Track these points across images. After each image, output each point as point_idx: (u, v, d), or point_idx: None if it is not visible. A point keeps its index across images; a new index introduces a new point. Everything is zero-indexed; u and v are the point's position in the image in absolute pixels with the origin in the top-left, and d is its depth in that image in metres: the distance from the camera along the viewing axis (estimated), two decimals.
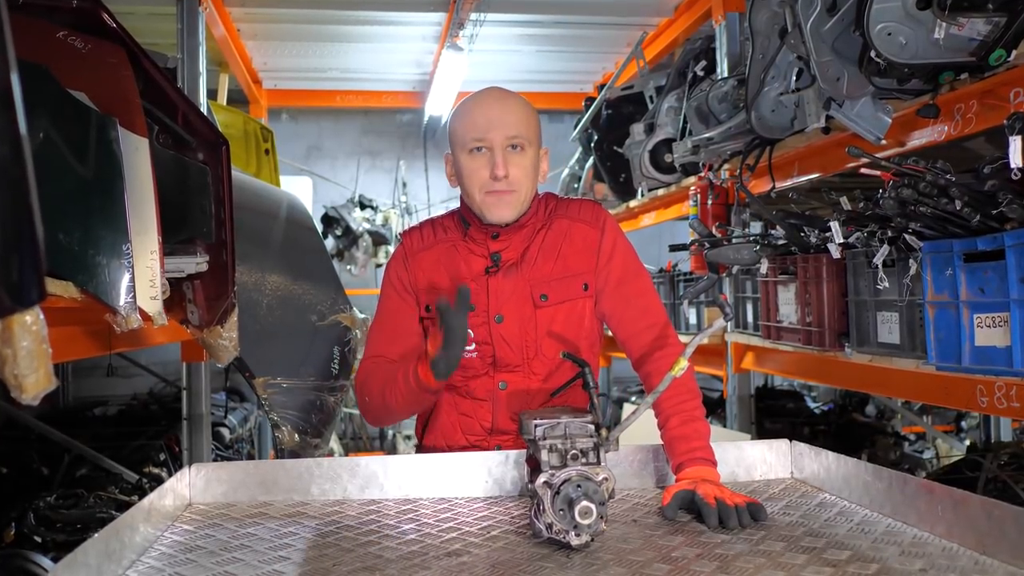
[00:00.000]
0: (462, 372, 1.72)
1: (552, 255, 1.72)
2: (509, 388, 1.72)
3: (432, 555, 1.24)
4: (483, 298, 1.69)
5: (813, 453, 1.62)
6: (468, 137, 1.66)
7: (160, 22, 4.22)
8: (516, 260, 1.71)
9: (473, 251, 1.73)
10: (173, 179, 1.97)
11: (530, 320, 1.70)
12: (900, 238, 2.17)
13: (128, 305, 1.68)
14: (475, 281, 1.70)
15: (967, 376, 2.01)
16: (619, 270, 1.74)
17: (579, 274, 1.72)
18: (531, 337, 1.71)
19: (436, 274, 1.74)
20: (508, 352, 1.70)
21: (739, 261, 3.04)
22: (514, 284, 1.70)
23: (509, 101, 1.69)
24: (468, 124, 1.67)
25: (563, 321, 1.72)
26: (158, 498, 1.38)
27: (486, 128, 1.64)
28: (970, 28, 1.92)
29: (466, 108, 1.70)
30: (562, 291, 1.71)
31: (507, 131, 1.64)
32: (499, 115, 1.65)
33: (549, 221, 1.75)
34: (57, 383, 0.92)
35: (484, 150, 1.65)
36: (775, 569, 1.13)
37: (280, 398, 2.74)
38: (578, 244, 1.73)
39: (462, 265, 1.72)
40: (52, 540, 2.66)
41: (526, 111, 1.69)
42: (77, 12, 1.80)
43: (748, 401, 3.61)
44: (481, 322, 1.70)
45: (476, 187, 1.66)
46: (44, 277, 0.71)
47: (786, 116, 2.60)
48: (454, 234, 1.76)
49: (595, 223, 1.75)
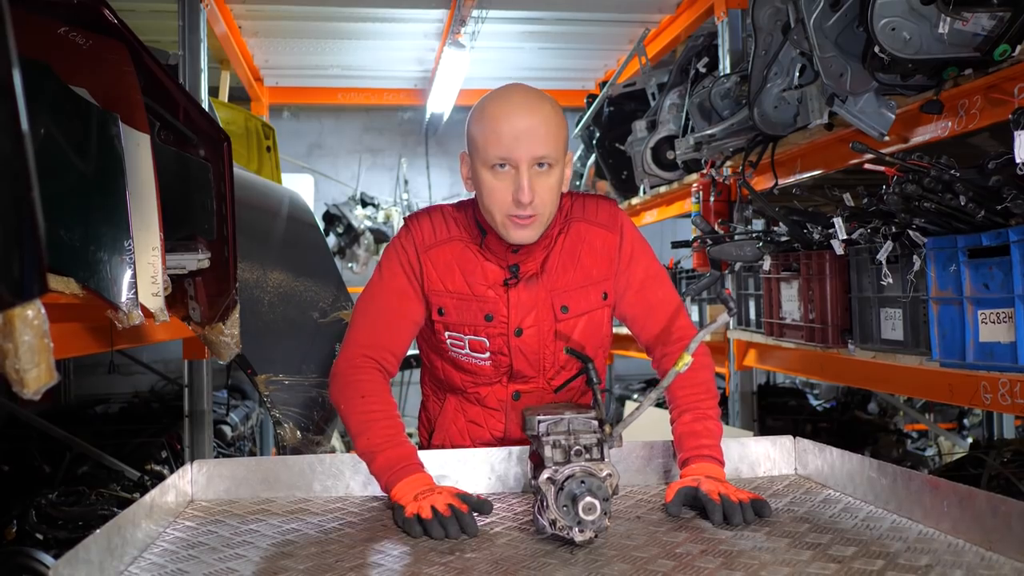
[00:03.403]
0: (472, 377, 1.68)
1: (572, 262, 1.64)
2: (523, 398, 1.68)
3: (435, 552, 1.23)
4: (502, 309, 1.61)
5: (817, 449, 1.62)
6: (491, 153, 1.49)
7: (162, 19, 4.22)
8: (536, 271, 1.62)
9: (490, 259, 1.62)
10: (175, 176, 1.96)
11: (549, 333, 1.63)
12: (904, 234, 2.16)
13: (130, 301, 1.67)
14: (493, 290, 1.61)
15: (971, 373, 2.01)
16: (640, 274, 1.67)
17: (598, 282, 1.65)
18: (549, 350, 1.65)
19: (450, 276, 1.62)
20: (525, 364, 1.65)
21: (742, 258, 3.03)
22: (535, 296, 1.62)
23: (538, 112, 1.49)
24: (492, 137, 1.48)
25: (582, 332, 1.66)
26: (160, 495, 1.38)
27: (512, 146, 1.47)
28: (974, 23, 1.91)
29: (491, 116, 1.50)
30: (583, 302, 1.64)
31: (535, 150, 1.47)
32: (527, 130, 1.47)
33: (567, 225, 1.65)
34: (59, 378, 0.91)
35: (508, 168, 1.49)
36: (780, 565, 1.12)
37: (282, 395, 2.73)
38: (597, 249, 1.65)
39: (478, 270, 1.62)
40: (54, 538, 2.66)
41: (555, 121, 1.51)
42: (79, 8, 1.79)
43: (750, 398, 3.60)
44: (499, 333, 1.62)
45: (497, 208, 1.51)
46: (45, 272, 0.70)
47: (789, 112, 2.60)
48: (467, 233, 1.63)
49: (613, 227, 1.66)
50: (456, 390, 1.73)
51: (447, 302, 1.62)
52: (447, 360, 1.70)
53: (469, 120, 1.57)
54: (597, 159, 4.89)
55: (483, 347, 1.64)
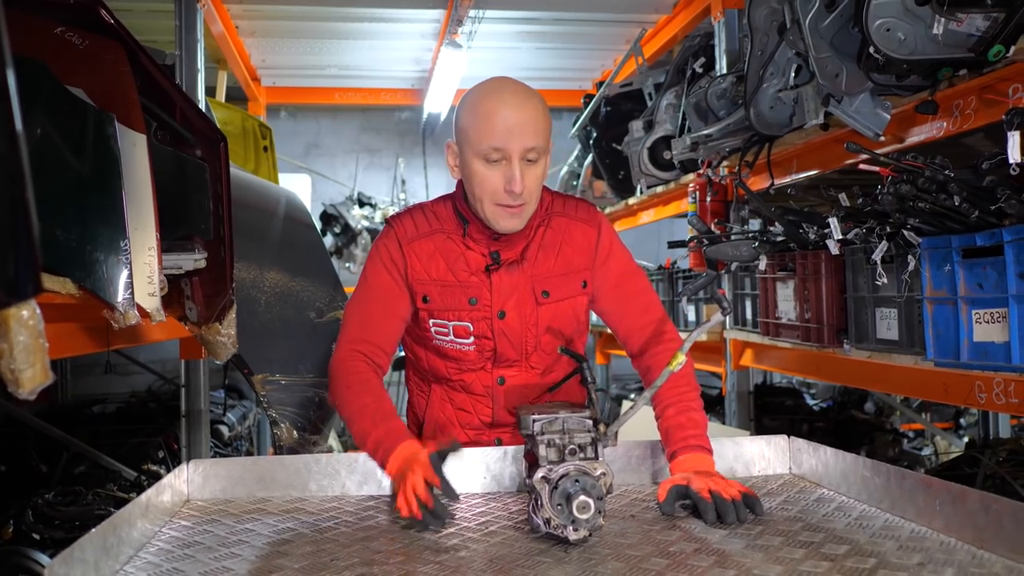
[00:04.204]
0: (456, 364, 1.73)
1: (553, 252, 1.72)
2: (508, 383, 1.74)
3: (430, 550, 1.24)
4: (485, 293, 1.69)
5: (811, 449, 1.62)
6: (484, 144, 1.56)
7: (159, 19, 4.22)
8: (516, 258, 1.70)
9: (472, 248, 1.70)
10: (171, 176, 1.96)
11: (531, 316, 1.71)
12: (899, 234, 2.16)
13: (126, 302, 1.67)
14: (476, 276, 1.69)
15: (965, 372, 2.01)
16: (617, 269, 1.76)
17: (578, 271, 1.73)
18: (531, 333, 1.71)
19: (434, 265, 1.69)
20: (508, 347, 1.71)
21: (738, 258, 3.04)
22: (516, 280, 1.69)
23: (528, 106, 1.59)
24: (485, 129, 1.56)
25: (562, 317, 1.73)
26: (156, 494, 1.38)
27: (505, 138, 1.55)
28: (969, 24, 1.92)
29: (484, 109, 1.58)
30: (563, 288, 1.72)
31: (526, 142, 1.56)
32: (519, 123, 1.56)
33: (548, 218, 1.74)
34: (54, 378, 0.91)
35: (500, 160, 1.57)
36: (773, 564, 1.13)
37: (278, 395, 2.74)
38: (577, 242, 1.73)
39: (461, 259, 1.69)
40: (50, 537, 2.66)
41: (543, 115, 1.61)
42: (75, 8, 1.79)
43: (747, 398, 3.61)
44: (482, 316, 1.69)
45: (487, 196, 1.59)
46: (40, 271, 0.70)
47: (785, 112, 2.60)
48: (449, 226, 1.71)
49: (592, 222, 1.75)
50: (441, 379, 1.77)
51: (431, 290, 1.70)
52: (431, 349, 1.75)
53: (459, 110, 1.65)
54: (594, 159, 4.89)
55: (467, 332, 1.70)
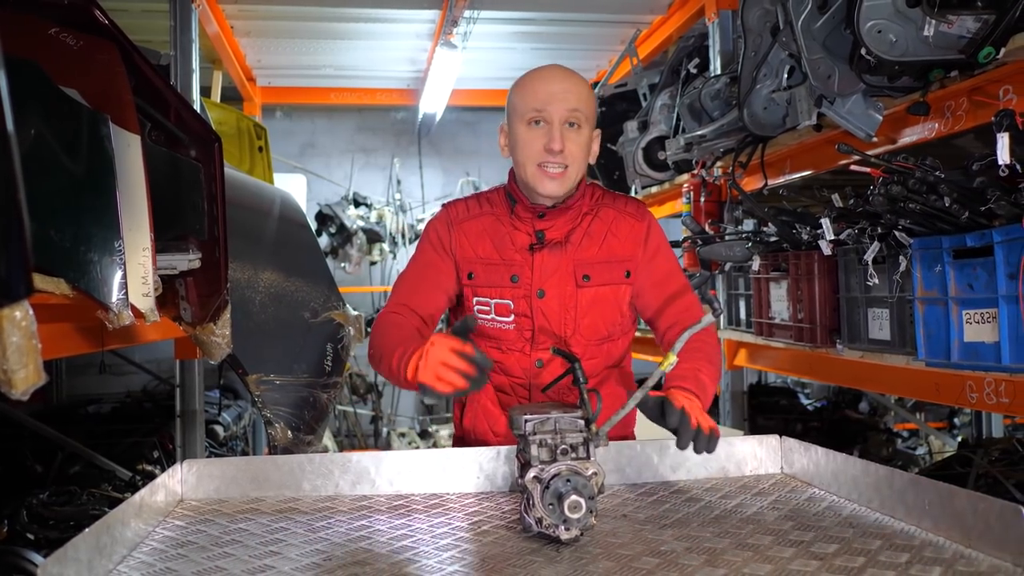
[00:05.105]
0: (495, 343, 1.76)
1: (597, 240, 1.76)
2: (546, 367, 1.75)
3: (423, 550, 1.24)
4: (527, 272, 1.74)
5: (803, 448, 1.63)
6: (527, 107, 1.68)
7: (153, 19, 4.22)
8: (560, 240, 1.74)
9: (518, 227, 1.76)
10: (165, 176, 1.97)
11: (571, 298, 1.74)
12: (890, 235, 2.18)
13: (120, 302, 1.67)
14: (520, 254, 1.74)
15: (957, 372, 2.03)
16: (664, 266, 1.79)
17: (622, 260, 1.77)
18: (570, 315, 1.74)
19: (481, 244, 1.77)
20: (546, 327, 1.73)
21: (731, 258, 3.05)
22: (558, 262, 1.74)
23: (571, 77, 1.71)
24: (529, 95, 1.69)
25: (602, 304, 1.76)
26: (149, 494, 1.39)
27: (547, 101, 1.67)
28: (959, 26, 1.93)
29: (528, 80, 1.73)
30: (605, 274, 1.75)
31: (567, 105, 1.66)
32: (560, 89, 1.68)
33: (596, 209, 1.79)
34: (47, 378, 0.92)
35: (542, 123, 1.68)
36: (762, 562, 1.14)
37: (273, 395, 2.74)
38: (624, 234, 1.78)
39: (507, 239, 1.76)
40: (45, 537, 2.66)
41: (586, 88, 1.72)
42: (69, 8, 1.79)
43: (741, 398, 3.62)
44: (523, 295, 1.73)
45: (530, 158, 1.69)
46: (31, 272, 0.71)
47: (778, 113, 2.61)
48: (499, 208, 1.80)
49: (641, 218, 1.80)
50: None
51: (477, 267, 1.77)
52: None
53: (509, 93, 1.77)
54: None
55: (508, 310, 1.75)
